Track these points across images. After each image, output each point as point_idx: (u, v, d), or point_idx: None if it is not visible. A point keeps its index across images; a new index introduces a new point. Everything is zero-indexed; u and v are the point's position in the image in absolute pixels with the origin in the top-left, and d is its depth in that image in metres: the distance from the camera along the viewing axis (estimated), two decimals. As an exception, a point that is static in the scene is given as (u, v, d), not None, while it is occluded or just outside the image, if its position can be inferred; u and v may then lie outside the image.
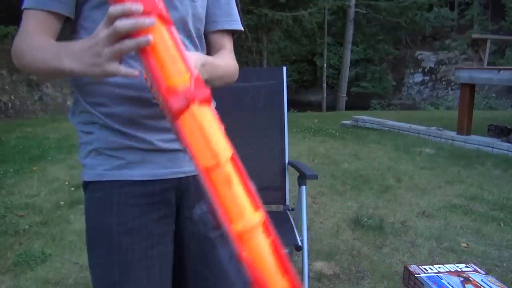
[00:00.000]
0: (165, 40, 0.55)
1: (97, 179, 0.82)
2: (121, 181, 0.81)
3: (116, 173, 0.81)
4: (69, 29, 0.82)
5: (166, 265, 0.85)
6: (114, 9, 0.55)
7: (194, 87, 0.54)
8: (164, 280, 0.84)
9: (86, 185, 0.84)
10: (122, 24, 0.55)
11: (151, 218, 0.82)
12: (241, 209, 0.53)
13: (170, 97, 0.53)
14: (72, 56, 0.65)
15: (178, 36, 0.58)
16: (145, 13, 0.55)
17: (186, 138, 0.53)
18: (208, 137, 0.53)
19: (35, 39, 0.75)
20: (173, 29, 0.57)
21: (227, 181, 0.52)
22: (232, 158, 0.54)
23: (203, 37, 0.92)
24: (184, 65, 0.55)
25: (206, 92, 0.55)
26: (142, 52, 0.55)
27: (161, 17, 0.56)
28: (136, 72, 0.62)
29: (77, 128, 0.85)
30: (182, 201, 0.88)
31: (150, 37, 0.54)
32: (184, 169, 0.86)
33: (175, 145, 0.83)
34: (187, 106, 0.53)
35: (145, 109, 0.80)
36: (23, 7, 0.77)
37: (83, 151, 0.84)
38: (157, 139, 0.82)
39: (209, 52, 0.94)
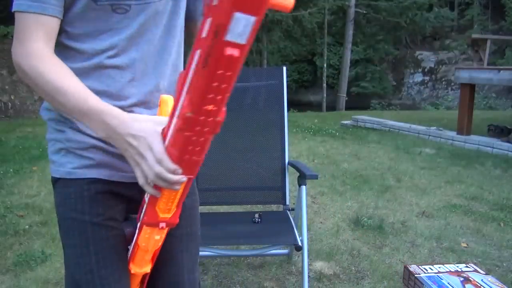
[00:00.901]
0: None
1: (66, 177, 0.84)
2: (90, 179, 0.84)
3: (85, 172, 0.84)
4: None
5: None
6: (172, 177, 0.68)
7: (170, 219, 0.78)
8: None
9: (56, 181, 0.87)
10: (164, 183, 0.69)
11: (118, 209, 0.87)
12: (142, 265, 0.87)
13: (151, 214, 0.76)
14: (107, 131, 0.73)
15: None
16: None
17: (138, 239, 0.82)
18: (147, 252, 0.84)
19: (48, 65, 0.74)
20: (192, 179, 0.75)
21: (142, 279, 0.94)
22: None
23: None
24: (176, 205, 0.77)
25: (175, 221, 0.79)
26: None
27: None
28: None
29: (47, 123, 0.87)
30: None
31: (179, 187, 0.72)
32: None
33: None
34: (155, 226, 0.78)
35: None
36: (17, 8, 0.74)
37: (52, 147, 0.86)
38: None
39: (187, 40, 0.94)
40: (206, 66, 0.57)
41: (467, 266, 2.08)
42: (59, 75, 0.74)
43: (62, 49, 0.81)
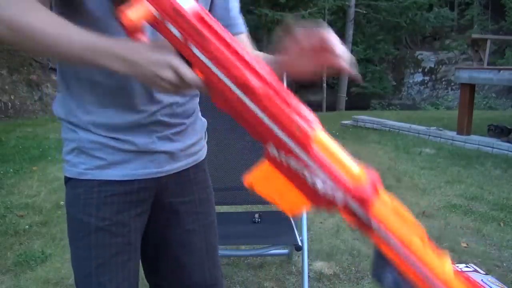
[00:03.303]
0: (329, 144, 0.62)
1: (78, 177, 0.84)
2: (101, 180, 0.83)
3: (97, 173, 0.83)
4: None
5: (137, 257, 0.91)
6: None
7: (370, 177, 0.61)
8: (136, 270, 0.90)
9: (67, 180, 0.86)
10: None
11: (129, 215, 0.86)
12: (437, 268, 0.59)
13: (359, 187, 0.58)
14: (126, 64, 0.62)
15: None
16: None
17: (387, 224, 0.60)
18: (403, 215, 0.63)
19: (44, 17, 0.64)
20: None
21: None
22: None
23: None
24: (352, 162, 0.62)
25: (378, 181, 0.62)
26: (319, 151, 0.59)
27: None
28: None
29: (61, 123, 0.86)
30: (162, 196, 0.91)
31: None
32: (163, 168, 0.87)
33: (157, 147, 0.85)
34: (377, 194, 0.60)
35: (131, 115, 0.81)
36: None
37: (66, 146, 0.85)
38: (140, 141, 0.83)
39: None
40: None
41: (467, 266, 2.08)
42: (57, 24, 0.65)
43: None
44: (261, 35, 14.44)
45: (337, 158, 0.60)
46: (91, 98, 0.80)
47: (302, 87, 19.40)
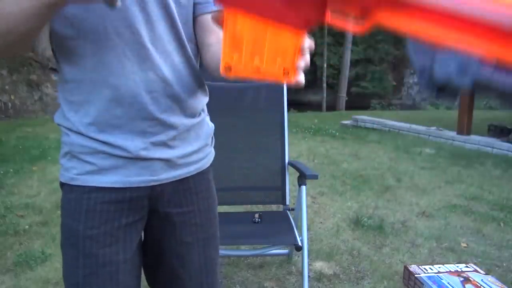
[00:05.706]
0: None
1: (70, 182, 0.82)
2: (91, 187, 0.80)
3: (88, 179, 0.80)
4: None
5: (132, 270, 0.85)
6: None
7: None
8: (128, 285, 0.85)
9: (62, 185, 0.85)
10: None
11: (118, 224, 0.82)
12: None
13: None
14: None
15: None
16: None
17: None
18: None
19: None
20: None
21: None
22: None
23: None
24: None
25: None
26: None
27: None
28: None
29: (59, 126, 0.85)
30: (157, 205, 0.87)
31: None
32: (159, 176, 0.83)
33: (151, 154, 0.80)
34: None
35: (121, 109, 0.77)
36: None
37: (62, 150, 0.84)
38: (132, 147, 0.79)
39: (199, 37, 0.85)
40: None
41: (467, 266, 2.08)
42: None
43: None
44: (261, 35, 14.42)
45: None
46: (76, 97, 0.78)
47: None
